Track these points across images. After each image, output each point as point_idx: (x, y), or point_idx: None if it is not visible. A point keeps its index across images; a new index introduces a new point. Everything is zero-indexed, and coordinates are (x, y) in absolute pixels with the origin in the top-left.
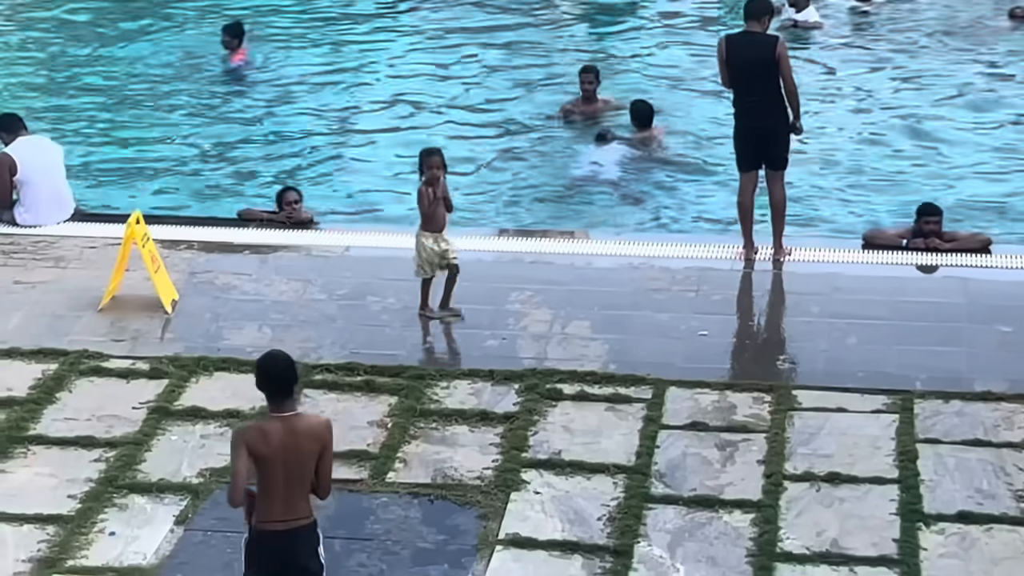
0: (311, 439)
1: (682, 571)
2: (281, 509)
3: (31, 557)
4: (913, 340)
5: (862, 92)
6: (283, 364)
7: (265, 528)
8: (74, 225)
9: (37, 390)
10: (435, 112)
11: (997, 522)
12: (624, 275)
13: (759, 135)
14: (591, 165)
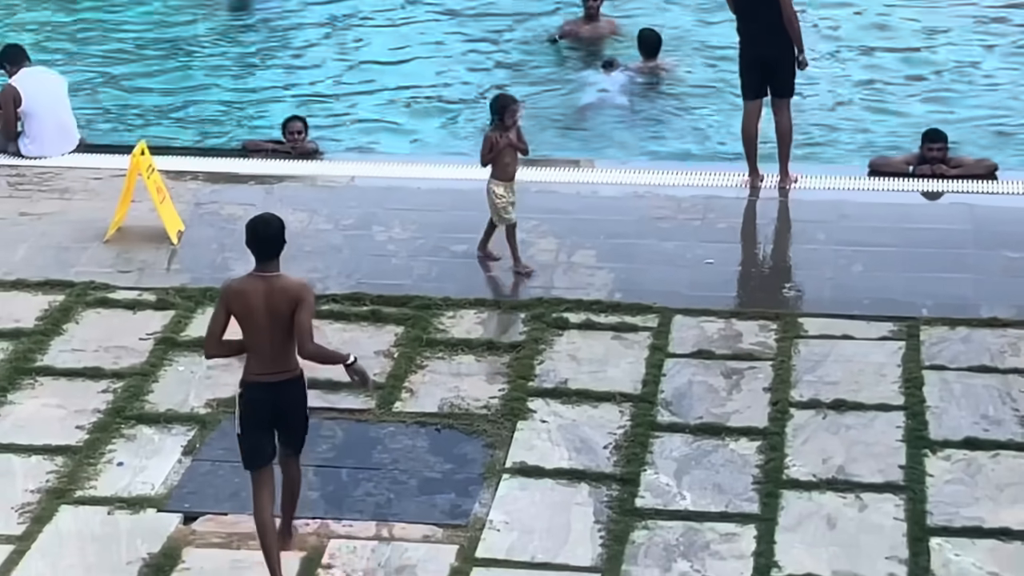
0: (288, 297)
1: (688, 498)
2: (268, 363)
3: (40, 487)
4: (919, 267)
5: (867, 19)
6: (274, 228)
7: (253, 381)
8: (79, 156)
9: (44, 321)
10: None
11: (1003, 448)
12: (630, 204)
13: (764, 63)
14: (598, 93)
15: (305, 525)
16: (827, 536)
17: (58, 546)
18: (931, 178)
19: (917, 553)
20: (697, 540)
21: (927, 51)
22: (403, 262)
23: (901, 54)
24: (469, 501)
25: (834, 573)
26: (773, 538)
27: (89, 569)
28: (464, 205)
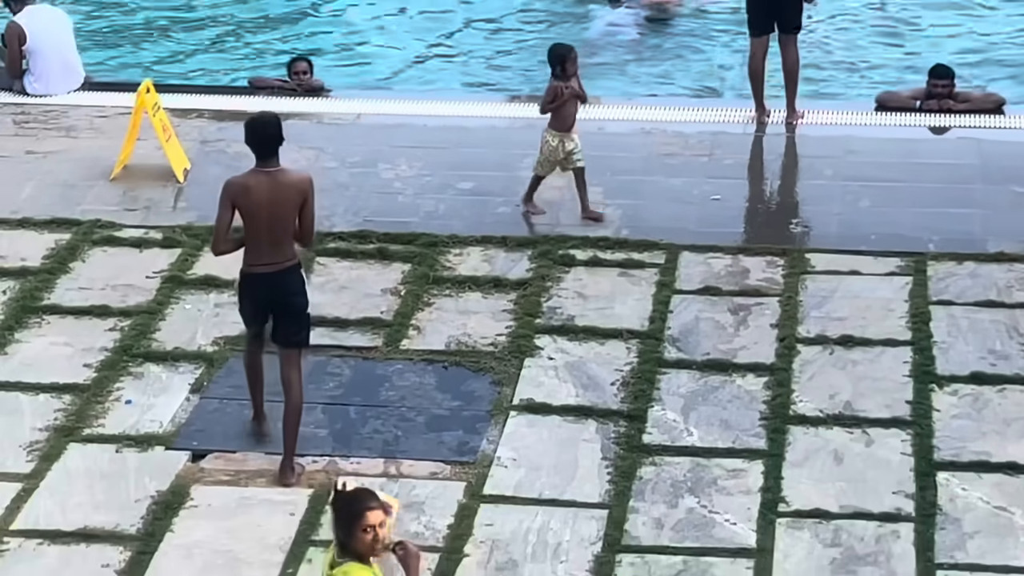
0: (293, 190)
1: (695, 435)
2: (267, 254)
3: (48, 426)
4: (927, 202)
5: None
6: (272, 125)
7: (253, 271)
8: (84, 94)
9: (50, 260)
10: None
11: (1010, 382)
12: (637, 140)
13: None
14: (606, 27)
15: (313, 462)
16: (834, 471)
17: (66, 484)
18: (938, 113)
19: (924, 488)
20: (704, 476)
21: None
22: (410, 199)
23: None
24: (476, 438)
25: (841, 508)
26: (780, 474)
27: (97, 507)
28: (471, 142)
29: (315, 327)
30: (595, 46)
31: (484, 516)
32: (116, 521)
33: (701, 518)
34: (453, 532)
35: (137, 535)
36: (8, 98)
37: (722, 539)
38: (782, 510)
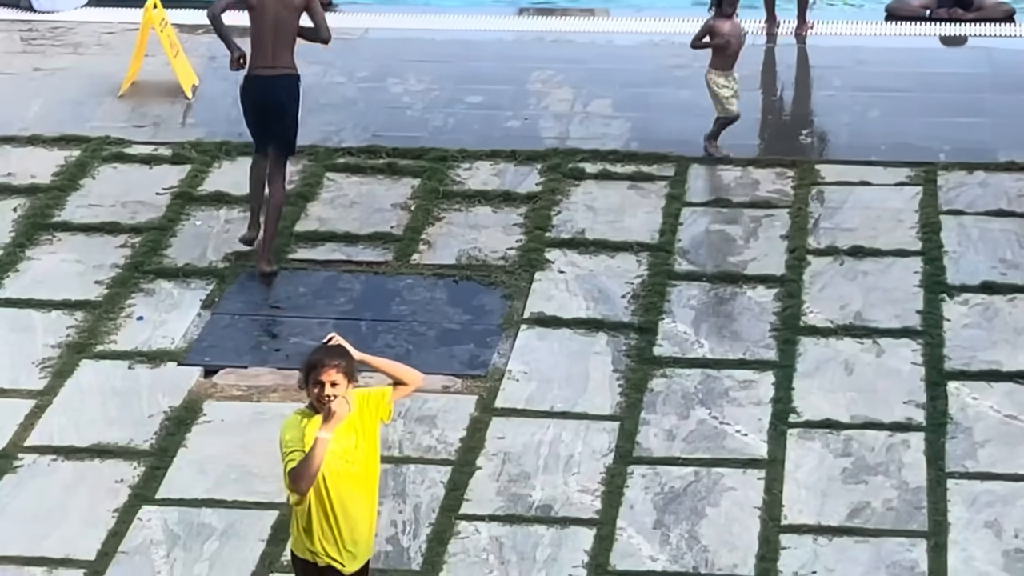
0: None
1: (706, 346)
2: (269, 58)
3: (60, 342)
4: (937, 112)
5: None
6: None
7: (253, 73)
8: (91, 10)
9: (60, 177)
10: None
11: (1021, 292)
12: (645, 52)
13: None
14: None
15: None
16: (845, 382)
17: (79, 400)
18: (948, 22)
19: (935, 397)
20: (715, 387)
21: None
22: (418, 114)
23: None
24: (488, 352)
25: (852, 418)
26: (791, 384)
27: (111, 423)
28: (479, 56)
29: (326, 242)
30: None
31: (496, 429)
32: (129, 437)
33: (712, 429)
34: (465, 445)
35: (150, 450)
36: (15, 14)
37: (733, 450)
38: (793, 421)
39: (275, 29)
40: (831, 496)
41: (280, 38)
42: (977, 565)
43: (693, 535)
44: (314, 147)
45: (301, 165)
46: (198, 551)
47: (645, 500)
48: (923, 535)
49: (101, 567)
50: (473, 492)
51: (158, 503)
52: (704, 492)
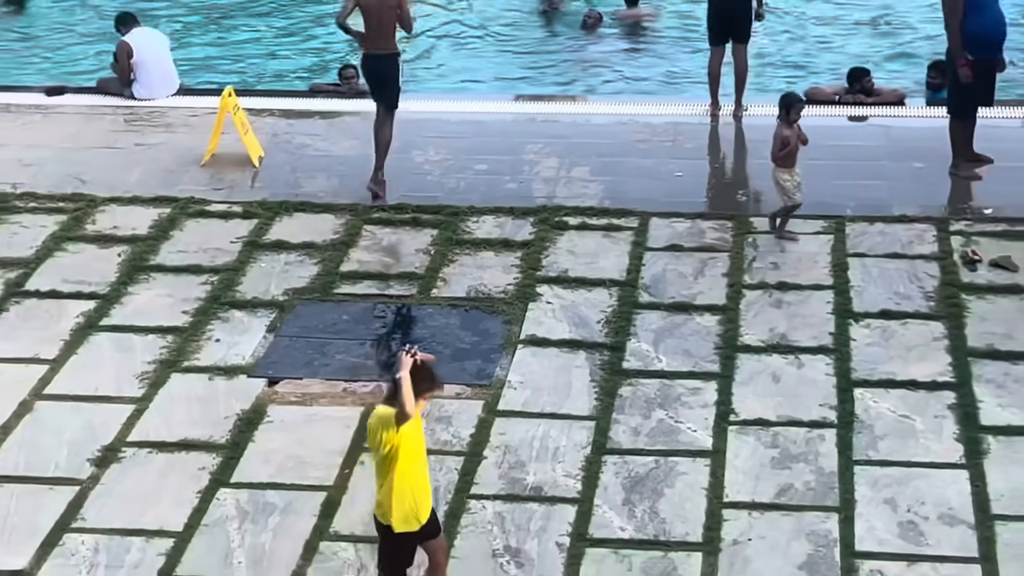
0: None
1: (664, 361)
2: (378, 42)
3: (155, 359)
4: (845, 175)
5: None
6: None
7: (367, 53)
8: (180, 98)
9: (155, 229)
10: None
11: (911, 317)
12: (615, 129)
13: (728, 16)
14: (589, 47)
15: (363, 386)
16: (773, 388)
17: (170, 405)
18: (853, 105)
19: (844, 401)
20: (671, 393)
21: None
22: (436, 179)
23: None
24: (491, 366)
25: (778, 417)
26: (730, 391)
27: (195, 423)
28: (485, 133)
29: (364, 280)
30: (585, 62)
31: (498, 427)
32: (209, 434)
33: (668, 427)
34: (474, 440)
35: (226, 445)
36: (120, 101)
37: (685, 443)
38: (732, 419)
39: (379, 22)
40: (762, 479)
41: (383, 29)
42: (877, 533)
43: (654, 510)
44: (354, 205)
45: (344, 219)
46: (263, 524)
47: (616, 483)
48: (835, 510)
49: (187, 536)
50: (480, 477)
51: (232, 486)
52: (662, 476)
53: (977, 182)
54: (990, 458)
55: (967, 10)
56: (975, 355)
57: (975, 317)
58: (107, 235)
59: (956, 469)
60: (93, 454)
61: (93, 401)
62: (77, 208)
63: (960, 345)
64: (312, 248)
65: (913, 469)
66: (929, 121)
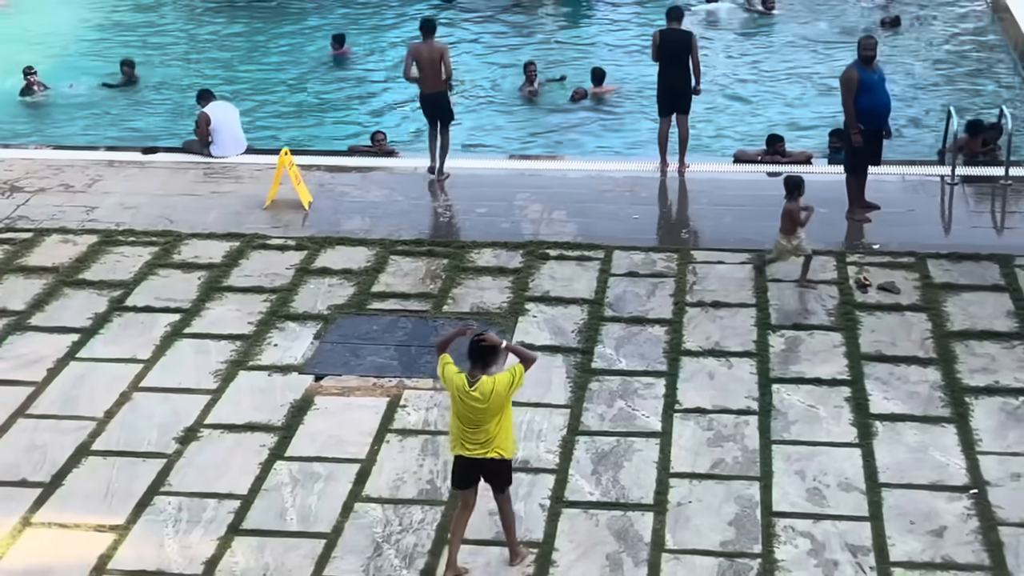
0: (439, 49)
1: (624, 362)
2: (428, 83)
3: (226, 360)
4: (765, 218)
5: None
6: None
7: (422, 92)
8: (247, 156)
9: (227, 258)
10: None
11: (816, 329)
12: (587, 182)
13: (673, 91)
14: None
15: (389, 382)
16: (709, 384)
17: (237, 395)
18: (771, 163)
19: (764, 394)
20: (629, 388)
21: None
22: (447, 219)
23: (758, 78)
24: None
25: (713, 406)
26: (676, 386)
27: (257, 409)
28: (485, 184)
29: (389, 298)
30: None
31: None
32: (268, 418)
33: (627, 414)
34: None
35: (281, 427)
36: (200, 159)
37: (640, 427)
38: (677, 408)
39: (430, 68)
40: (700, 455)
41: (433, 73)
42: (790, 498)
43: (615, 479)
44: (383, 240)
45: (375, 251)
46: (310, 488)
47: (586, 458)
48: (757, 479)
49: (251, 499)
50: None
51: (286, 459)
52: (623, 452)
53: (868, 224)
54: (878, 439)
55: (859, 91)
56: (866, 359)
57: (866, 329)
58: (190, 263)
59: (851, 448)
60: (178, 434)
61: (178, 392)
62: (166, 242)
63: (855, 351)
64: (350, 273)
65: (818, 447)
66: (830, 176)
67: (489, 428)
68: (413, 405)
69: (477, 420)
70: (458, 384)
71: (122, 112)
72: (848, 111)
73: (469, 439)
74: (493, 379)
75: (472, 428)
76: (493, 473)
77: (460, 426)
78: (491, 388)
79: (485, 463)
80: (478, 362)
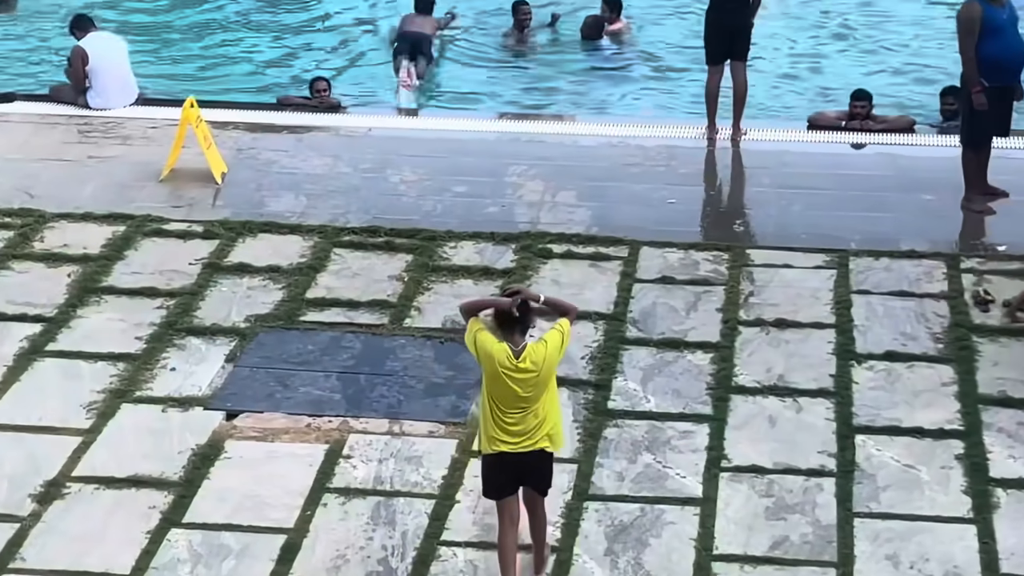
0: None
1: (652, 402)
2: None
3: (104, 388)
4: (849, 207)
5: None
6: None
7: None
8: (138, 108)
9: (108, 248)
10: None
11: (918, 360)
12: (605, 152)
13: (727, 30)
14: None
15: (328, 422)
16: (769, 433)
17: (119, 438)
18: (860, 132)
19: (844, 448)
20: (659, 436)
21: (863, 19)
22: (412, 200)
23: (840, 20)
24: (467, 402)
25: (774, 464)
26: (723, 435)
27: (146, 457)
28: (464, 151)
29: (332, 307)
30: None
31: (473, 469)
32: (161, 470)
33: (656, 472)
34: (447, 482)
35: (179, 482)
36: (73, 111)
37: (673, 490)
38: (724, 466)
39: None
40: (756, 530)
41: None
42: None
43: (638, 562)
44: (323, 227)
45: (312, 242)
46: (217, 568)
47: (598, 531)
48: (833, 565)
49: None
50: (452, 522)
51: (184, 527)
52: (648, 525)
53: (991, 216)
54: (1000, 513)
55: (983, 34)
56: (986, 402)
57: (986, 361)
58: (56, 254)
59: (963, 524)
60: (35, 489)
61: (36, 432)
62: (24, 224)
63: (970, 391)
64: (277, 272)
65: (917, 523)
66: (940, 150)
67: (539, 409)
68: (361, 455)
69: (526, 399)
70: (500, 358)
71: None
72: (968, 61)
73: (511, 429)
74: (542, 341)
75: (518, 412)
76: (536, 471)
77: (499, 414)
78: (543, 353)
79: (531, 458)
80: (517, 326)
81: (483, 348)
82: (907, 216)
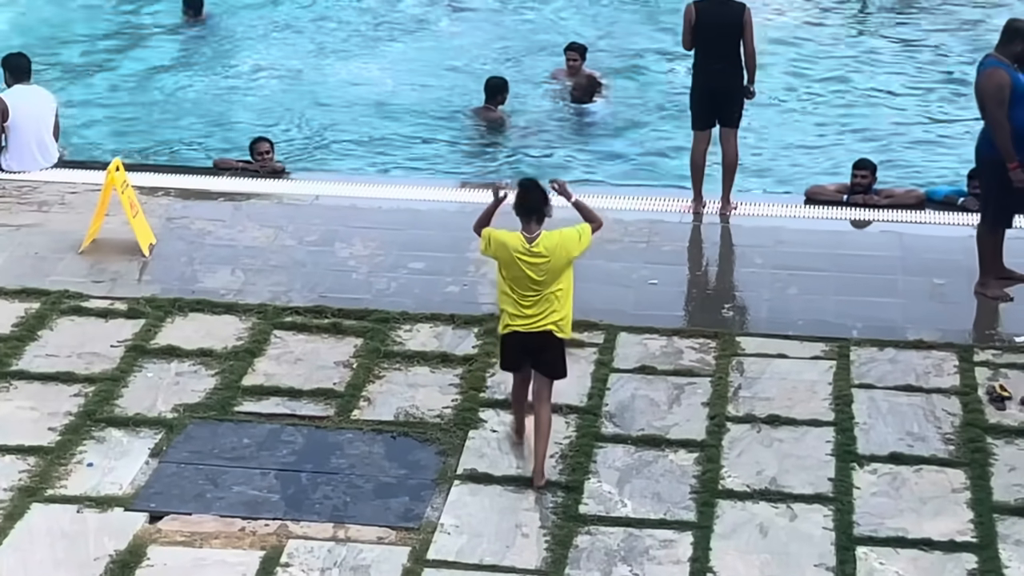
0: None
1: (629, 506)
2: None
3: (12, 486)
4: (851, 291)
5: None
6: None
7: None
8: (57, 171)
9: (20, 327)
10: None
11: (926, 463)
12: None
13: (716, 94)
14: None
15: (265, 526)
16: (759, 544)
17: (29, 542)
18: (863, 207)
19: (844, 561)
20: (637, 546)
21: (862, 83)
22: (363, 277)
23: (837, 85)
24: (421, 505)
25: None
26: (708, 545)
27: (58, 565)
28: (422, 224)
29: (271, 396)
30: None
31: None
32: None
33: None
34: None
35: None
36: None
37: None
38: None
39: None
40: None
41: None
42: None
43: None
44: (263, 306)
45: (250, 323)
46: None
47: None
48: None
49: None
50: None
51: None
52: None
53: (1007, 303)
54: None
55: (1011, 104)
56: (1002, 511)
57: (1002, 465)
58: None
59: None
60: None
61: None
62: None
63: (984, 499)
64: (209, 356)
65: None
66: (951, 229)
67: (551, 296)
68: (301, 563)
69: (538, 283)
70: (515, 244)
71: None
72: (1004, 134)
73: (524, 312)
74: (558, 232)
75: (531, 293)
76: (542, 352)
77: (513, 296)
78: (556, 240)
79: (537, 338)
80: (532, 213)
81: (497, 240)
82: (915, 302)
